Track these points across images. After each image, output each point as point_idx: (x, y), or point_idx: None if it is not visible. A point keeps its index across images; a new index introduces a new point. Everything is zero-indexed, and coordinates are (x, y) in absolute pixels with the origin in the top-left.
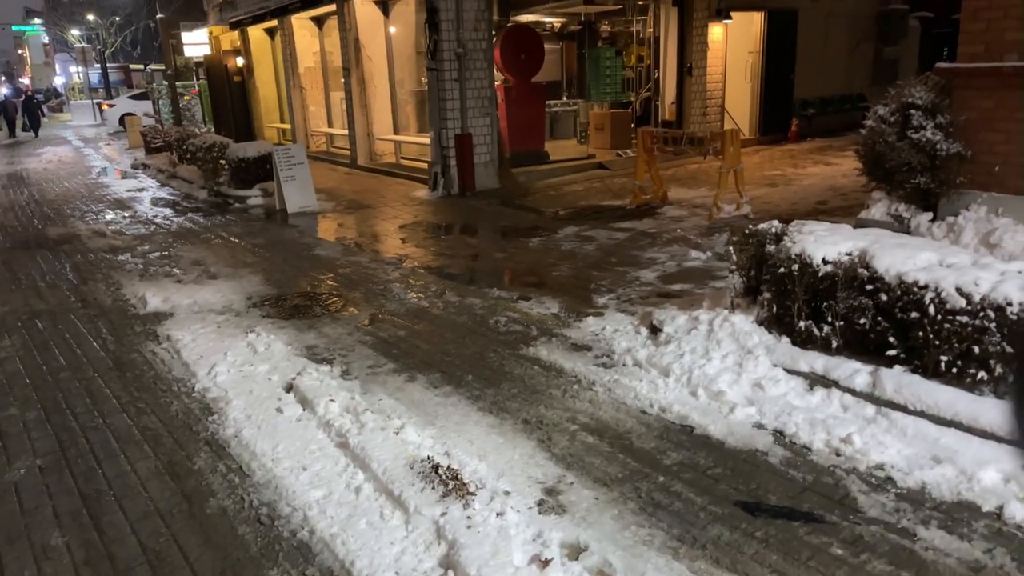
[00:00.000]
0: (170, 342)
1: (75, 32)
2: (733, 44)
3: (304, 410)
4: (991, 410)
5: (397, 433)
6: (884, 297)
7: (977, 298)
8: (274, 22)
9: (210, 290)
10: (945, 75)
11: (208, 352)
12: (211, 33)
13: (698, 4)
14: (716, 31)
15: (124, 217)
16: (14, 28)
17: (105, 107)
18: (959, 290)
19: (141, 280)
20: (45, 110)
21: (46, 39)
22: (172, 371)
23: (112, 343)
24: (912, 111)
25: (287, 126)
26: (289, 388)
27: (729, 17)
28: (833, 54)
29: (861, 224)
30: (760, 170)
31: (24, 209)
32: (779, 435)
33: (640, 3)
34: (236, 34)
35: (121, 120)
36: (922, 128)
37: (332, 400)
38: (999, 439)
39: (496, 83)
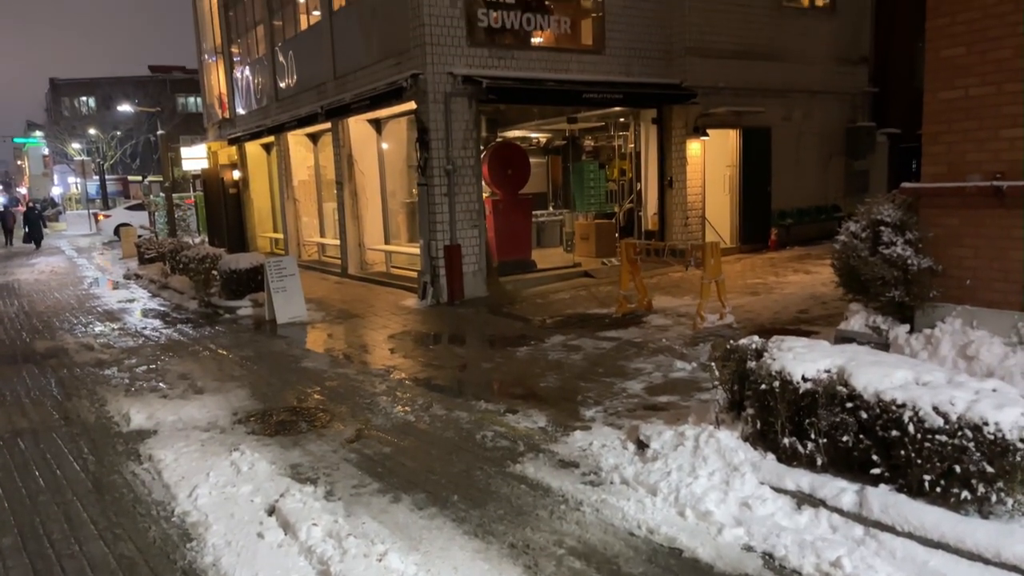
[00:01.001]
0: (152, 462)
1: (76, 145)
2: (711, 158)
3: (286, 535)
4: (977, 531)
5: (380, 560)
6: (864, 415)
7: (954, 417)
8: (271, 138)
9: (195, 405)
10: (911, 194)
11: (190, 472)
12: (209, 148)
13: (676, 122)
14: (694, 147)
15: (113, 329)
16: (15, 140)
17: (101, 217)
18: (936, 409)
19: (126, 395)
20: (46, 221)
21: (46, 151)
22: (152, 493)
23: (93, 463)
24: (882, 227)
25: (280, 235)
26: (271, 511)
27: (706, 134)
28: (807, 167)
29: (841, 335)
30: (742, 278)
31: (13, 321)
32: (768, 558)
33: (621, 120)
34: (234, 149)
35: (116, 230)
36: (892, 244)
37: (315, 524)
38: (986, 561)
39: (484, 196)
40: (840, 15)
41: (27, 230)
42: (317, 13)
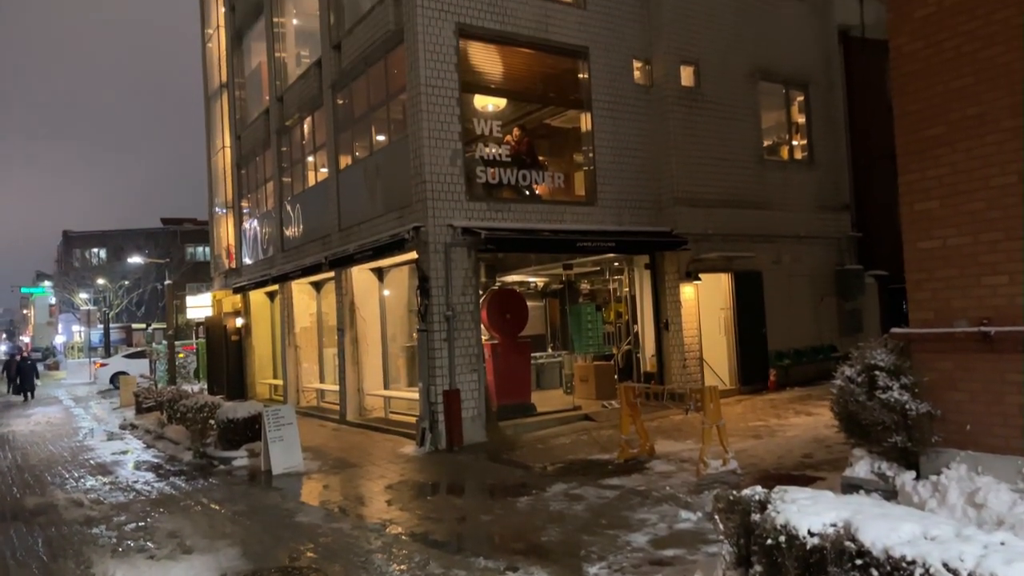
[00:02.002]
0: None
1: (83, 295)
2: (705, 301)
3: None
4: None
5: None
6: (875, 572)
7: (964, 574)
8: (275, 287)
9: (183, 567)
10: (902, 339)
11: None
12: (215, 297)
13: (668, 267)
14: (688, 290)
15: (104, 483)
16: (23, 290)
17: (97, 366)
18: (946, 566)
19: (112, 557)
20: (40, 371)
21: (53, 300)
22: None
23: None
24: (877, 372)
25: (279, 382)
26: None
27: (698, 278)
28: (800, 308)
29: (847, 483)
30: (744, 421)
31: (4, 476)
32: None
33: (615, 265)
34: (238, 297)
35: (113, 379)
36: (889, 388)
37: None
38: None
39: (483, 340)
40: (819, 167)
41: (18, 381)
42: (325, 170)
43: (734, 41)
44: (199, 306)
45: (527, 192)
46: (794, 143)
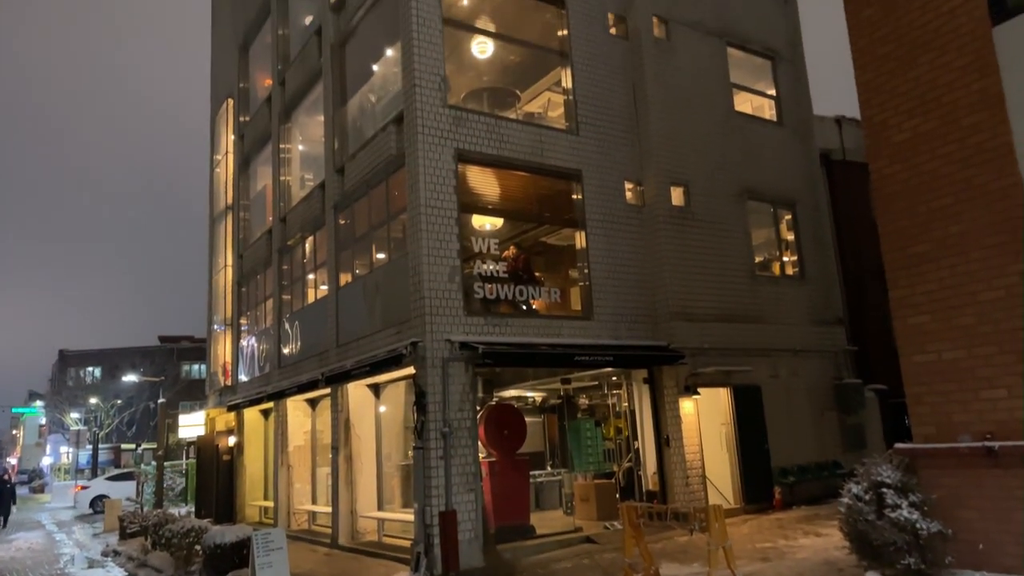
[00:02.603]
0: None
1: (74, 415)
2: (705, 416)
3: None
4: None
5: None
6: None
7: None
8: (270, 404)
9: None
10: (907, 454)
11: None
12: (208, 415)
13: (667, 381)
14: (687, 405)
15: None
16: (13, 410)
17: (78, 489)
18: None
19: None
20: (17, 495)
21: (43, 420)
22: None
23: None
24: (884, 489)
25: (270, 503)
26: None
27: (697, 392)
28: (801, 423)
29: None
30: (751, 542)
31: None
32: None
33: (613, 379)
34: (232, 415)
35: (94, 502)
36: (898, 507)
37: None
38: None
39: (480, 457)
40: (810, 282)
41: None
42: (325, 287)
43: (721, 163)
44: (192, 424)
45: (524, 307)
46: (785, 259)
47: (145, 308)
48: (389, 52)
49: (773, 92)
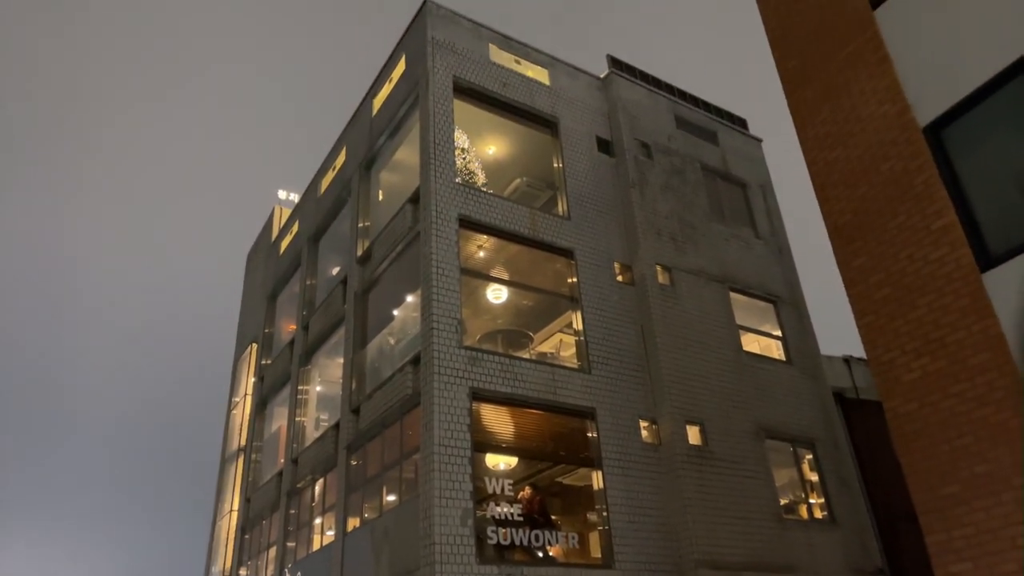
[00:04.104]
0: None
1: None
2: None
3: None
4: None
5: None
6: None
7: None
8: None
9: None
10: None
11: None
12: None
13: None
14: None
15: None
16: None
17: None
18: None
19: None
20: None
21: None
22: None
23: None
24: None
25: None
26: None
27: None
28: None
29: None
30: None
31: None
32: None
33: None
34: None
35: None
36: None
37: None
38: None
39: None
40: (842, 527)
41: None
42: (331, 533)
43: (735, 401)
44: None
45: (540, 554)
46: (811, 501)
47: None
48: (409, 298)
49: (779, 333)
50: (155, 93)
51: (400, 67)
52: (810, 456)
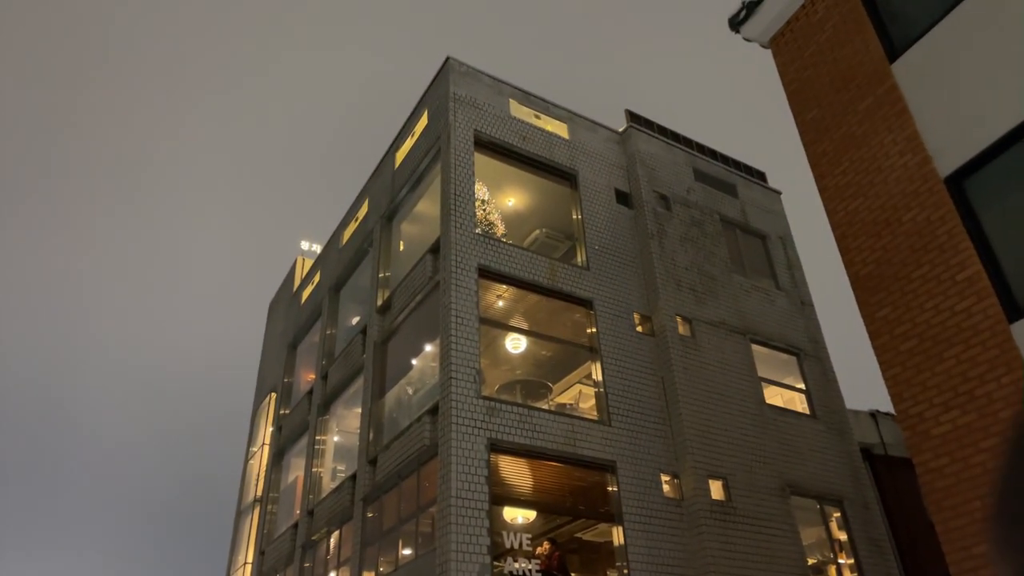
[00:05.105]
0: None
1: None
2: None
3: None
4: None
5: None
6: None
7: None
8: None
9: None
10: None
11: None
12: None
13: None
14: None
15: None
16: None
17: None
18: None
19: None
20: None
21: None
22: None
23: None
24: None
25: None
26: None
27: None
28: None
29: None
30: None
31: None
32: None
33: None
34: None
35: None
36: None
37: None
38: None
39: None
40: None
41: None
42: None
43: (759, 456)
44: None
45: None
46: (840, 561)
47: None
48: (428, 348)
49: (802, 386)
50: (182, 137)
51: (423, 121)
52: (838, 514)
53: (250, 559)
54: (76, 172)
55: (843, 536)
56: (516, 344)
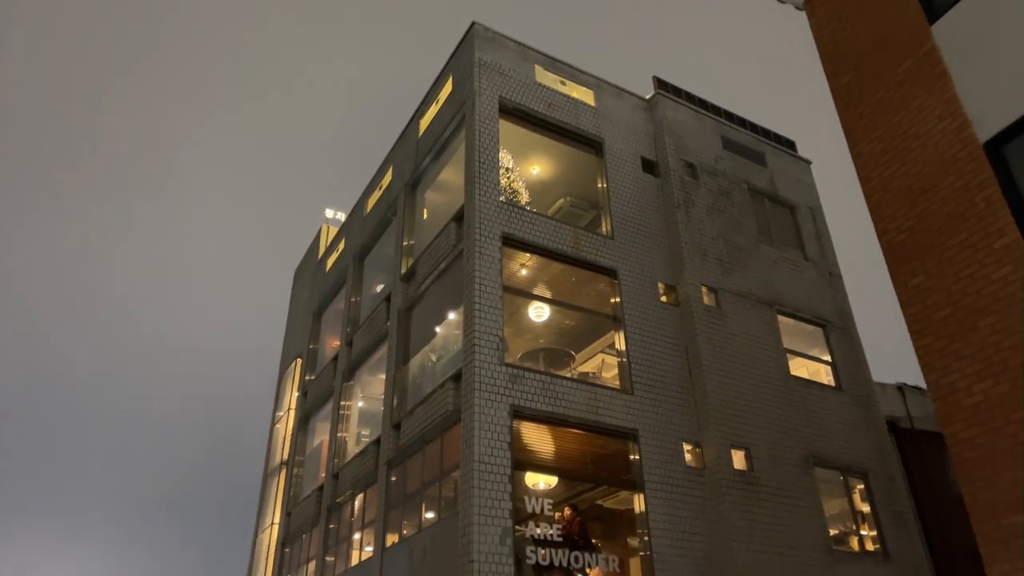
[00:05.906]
0: None
1: None
2: None
3: None
4: None
5: None
6: None
7: None
8: None
9: None
10: None
11: None
12: None
13: None
14: None
15: None
16: None
17: None
18: None
19: None
20: None
21: None
22: None
23: None
24: None
25: None
26: None
27: None
28: None
29: None
30: None
31: None
32: None
33: None
34: None
35: None
36: None
37: None
38: None
39: None
40: (895, 562)
41: None
42: (370, 549)
43: (782, 427)
44: None
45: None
46: (863, 533)
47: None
48: (452, 315)
49: (828, 358)
50: (207, 111)
51: (447, 88)
52: (861, 486)
53: (277, 520)
54: (112, 157)
55: (866, 508)
56: (539, 313)
